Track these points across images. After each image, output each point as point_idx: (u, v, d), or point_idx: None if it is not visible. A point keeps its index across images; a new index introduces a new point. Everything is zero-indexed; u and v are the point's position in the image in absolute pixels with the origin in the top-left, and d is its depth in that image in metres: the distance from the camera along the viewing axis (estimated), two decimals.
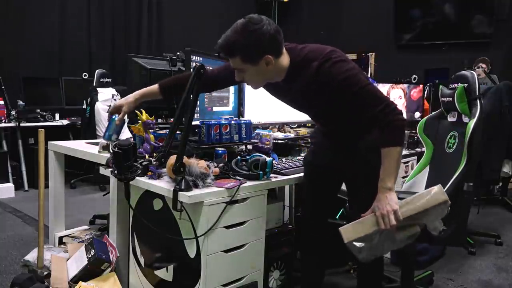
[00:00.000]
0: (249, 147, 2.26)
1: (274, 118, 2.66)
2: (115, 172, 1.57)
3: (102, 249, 2.05)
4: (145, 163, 1.64)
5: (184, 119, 1.64)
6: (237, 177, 1.79)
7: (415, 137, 3.04)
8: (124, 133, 2.93)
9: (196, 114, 2.13)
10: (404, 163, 2.99)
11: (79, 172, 4.63)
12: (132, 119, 2.11)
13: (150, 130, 1.93)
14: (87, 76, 5.20)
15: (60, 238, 2.57)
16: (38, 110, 4.73)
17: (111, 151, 1.58)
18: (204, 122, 2.04)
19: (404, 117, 1.64)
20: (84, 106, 4.05)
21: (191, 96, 1.64)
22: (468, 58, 5.05)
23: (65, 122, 4.82)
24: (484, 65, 4.93)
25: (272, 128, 2.79)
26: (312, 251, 2.00)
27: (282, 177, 1.95)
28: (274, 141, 2.37)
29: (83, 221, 3.18)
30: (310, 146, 2.06)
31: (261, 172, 1.83)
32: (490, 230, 3.45)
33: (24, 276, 2.09)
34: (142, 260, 1.93)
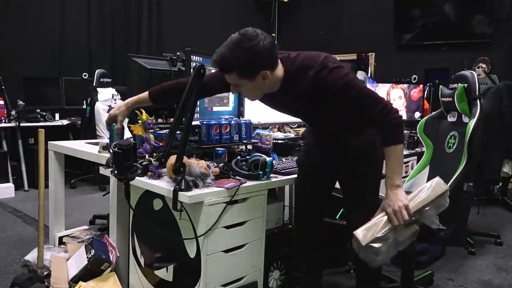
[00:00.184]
0: (249, 147, 2.26)
1: (274, 118, 2.65)
2: (115, 172, 1.57)
3: (102, 249, 2.05)
4: (145, 163, 1.64)
5: (184, 119, 1.64)
6: (237, 177, 1.79)
7: (415, 137, 3.04)
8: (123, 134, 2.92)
9: (196, 114, 2.13)
10: (404, 163, 2.98)
11: (79, 172, 4.63)
12: (132, 119, 2.11)
13: (150, 130, 1.93)
14: (87, 76, 5.20)
15: (60, 238, 2.57)
16: (38, 110, 4.73)
17: (111, 151, 1.58)
18: (204, 122, 2.04)
19: (401, 115, 1.68)
20: (84, 106, 4.05)
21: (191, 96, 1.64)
22: (468, 58, 5.06)
23: (65, 122, 4.82)
24: (484, 65, 4.93)
25: (272, 128, 2.79)
26: (308, 251, 2.00)
27: (282, 177, 1.96)
28: (274, 141, 2.37)
29: (83, 221, 3.18)
30: (302, 146, 2.07)
31: (261, 172, 1.83)
32: (490, 230, 3.45)
33: (24, 276, 2.09)
34: (142, 260, 1.93)
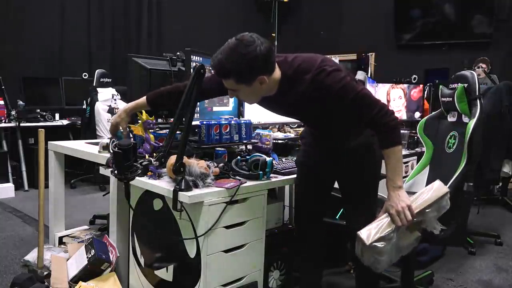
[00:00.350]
0: (249, 147, 2.26)
1: (274, 118, 2.65)
2: (115, 172, 1.57)
3: (102, 249, 2.05)
4: (145, 163, 1.64)
5: (184, 119, 1.64)
6: (237, 177, 1.79)
7: (415, 137, 3.04)
8: None
9: (196, 114, 2.13)
10: (404, 163, 2.99)
11: (79, 172, 4.63)
12: (132, 120, 2.11)
13: (150, 130, 1.93)
14: (87, 76, 5.20)
15: (60, 238, 2.57)
16: (38, 110, 4.73)
17: (111, 151, 1.58)
18: (204, 122, 2.04)
19: (398, 116, 1.71)
20: (84, 106, 4.05)
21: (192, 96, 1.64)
22: (468, 58, 5.06)
23: (65, 122, 4.81)
24: (484, 65, 4.93)
25: (272, 128, 2.79)
26: (308, 251, 2.00)
27: (282, 177, 1.96)
28: (274, 141, 2.37)
29: (83, 221, 3.17)
30: (301, 146, 2.08)
31: (261, 172, 1.83)
32: (490, 230, 3.45)
33: (24, 276, 2.10)
34: (142, 260, 1.93)
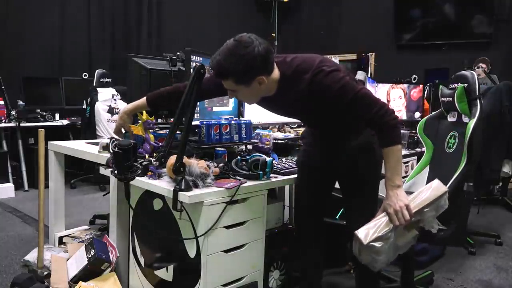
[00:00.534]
0: (249, 147, 2.26)
1: (274, 118, 2.64)
2: (115, 172, 1.57)
3: (102, 249, 2.05)
4: (145, 163, 1.64)
5: (184, 119, 1.64)
6: (237, 177, 1.79)
7: (415, 137, 3.04)
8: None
9: (196, 114, 2.13)
10: (404, 163, 2.99)
11: (79, 172, 4.62)
12: (133, 120, 2.11)
13: (150, 130, 1.93)
14: (87, 76, 5.20)
15: (60, 238, 2.57)
16: (38, 110, 4.73)
17: (111, 151, 1.58)
18: (204, 122, 2.04)
19: (398, 115, 1.70)
20: (84, 106, 4.05)
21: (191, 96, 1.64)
22: (468, 58, 5.05)
23: (65, 122, 4.81)
24: (484, 65, 4.92)
25: (272, 128, 2.79)
26: (308, 251, 2.00)
27: (282, 177, 1.96)
28: (274, 141, 2.37)
29: (83, 221, 3.18)
30: (302, 146, 2.07)
31: (261, 172, 1.83)
32: (490, 230, 3.45)
33: (24, 276, 2.09)
34: (142, 260, 1.93)
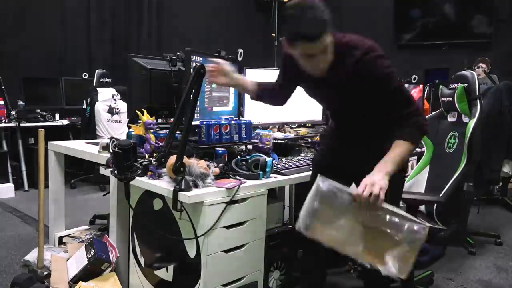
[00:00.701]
0: (249, 147, 2.26)
1: (274, 118, 2.66)
2: (115, 172, 1.57)
3: (102, 249, 2.05)
4: (145, 163, 1.64)
5: (184, 119, 1.64)
6: (237, 177, 1.79)
7: None
8: (123, 133, 2.93)
9: (196, 114, 2.13)
10: None
11: (79, 172, 4.62)
12: (133, 119, 2.11)
13: (151, 130, 1.93)
14: (87, 76, 5.20)
15: (60, 238, 2.57)
16: (38, 110, 4.72)
17: (111, 151, 1.58)
18: (204, 122, 2.04)
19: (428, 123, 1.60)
20: (84, 106, 4.05)
21: (191, 96, 1.64)
22: (468, 58, 5.06)
23: (65, 122, 4.81)
24: (484, 65, 4.93)
25: (272, 128, 2.79)
26: (313, 250, 1.98)
27: (282, 177, 1.95)
28: (274, 141, 2.37)
29: (83, 221, 3.17)
30: (319, 146, 2.02)
31: (261, 172, 1.83)
32: (490, 230, 3.45)
33: (24, 276, 2.10)
34: (142, 260, 1.93)
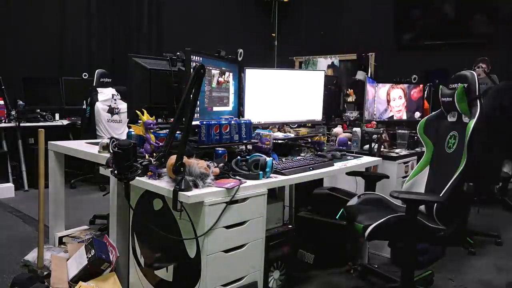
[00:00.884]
0: (249, 147, 2.26)
1: (274, 118, 2.66)
2: (115, 172, 1.57)
3: (102, 249, 2.05)
4: (145, 163, 1.64)
5: (184, 119, 1.64)
6: (237, 177, 1.79)
7: (415, 137, 3.04)
8: (123, 133, 2.93)
9: (196, 114, 2.13)
10: (404, 163, 2.99)
11: (79, 172, 4.63)
12: (133, 119, 2.11)
13: (151, 130, 1.93)
14: (87, 76, 5.20)
15: (60, 238, 2.57)
16: (38, 110, 4.73)
17: (111, 151, 1.58)
18: (204, 122, 2.03)
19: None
20: (84, 106, 4.05)
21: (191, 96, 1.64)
22: (468, 58, 5.06)
23: (65, 122, 4.82)
24: (484, 65, 4.92)
25: (272, 128, 2.79)
26: None
27: (282, 177, 1.95)
28: (274, 141, 2.37)
29: (83, 221, 3.17)
30: None
31: (261, 172, 1.83)
32: (490, 230, 3.45)
33: (24, 276, 2.10)
34: (142, 260, 1.93)
